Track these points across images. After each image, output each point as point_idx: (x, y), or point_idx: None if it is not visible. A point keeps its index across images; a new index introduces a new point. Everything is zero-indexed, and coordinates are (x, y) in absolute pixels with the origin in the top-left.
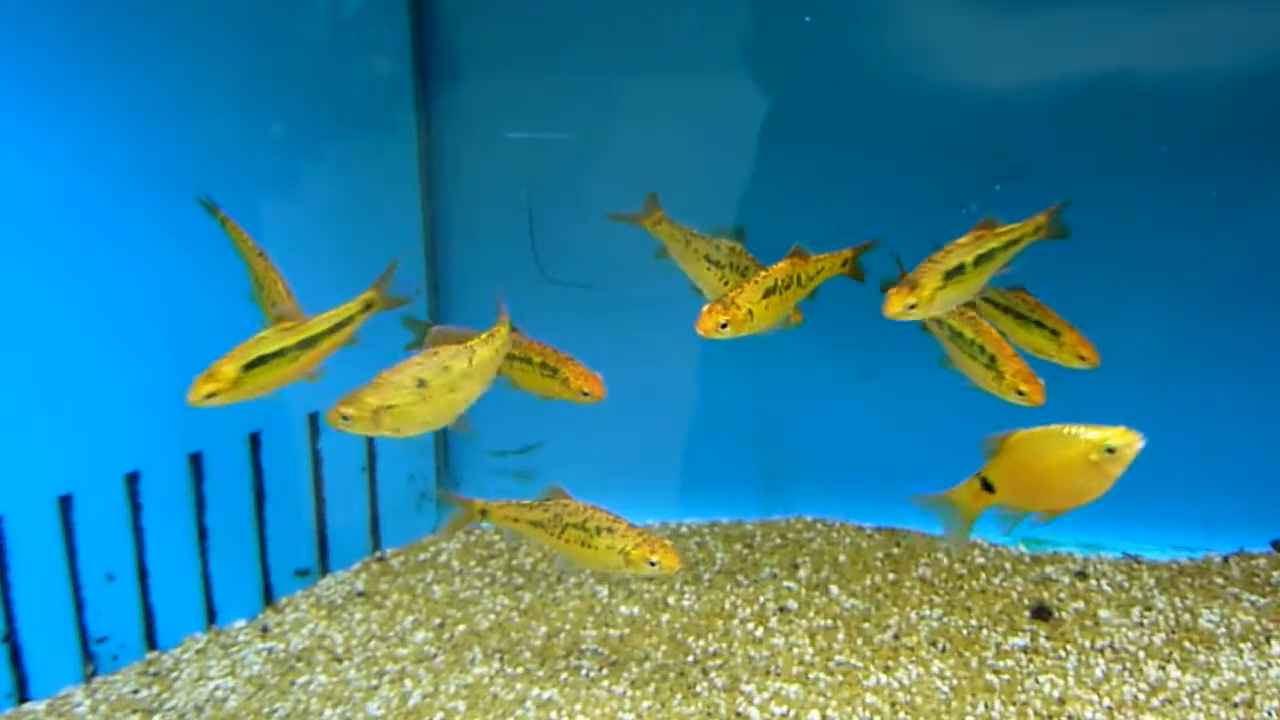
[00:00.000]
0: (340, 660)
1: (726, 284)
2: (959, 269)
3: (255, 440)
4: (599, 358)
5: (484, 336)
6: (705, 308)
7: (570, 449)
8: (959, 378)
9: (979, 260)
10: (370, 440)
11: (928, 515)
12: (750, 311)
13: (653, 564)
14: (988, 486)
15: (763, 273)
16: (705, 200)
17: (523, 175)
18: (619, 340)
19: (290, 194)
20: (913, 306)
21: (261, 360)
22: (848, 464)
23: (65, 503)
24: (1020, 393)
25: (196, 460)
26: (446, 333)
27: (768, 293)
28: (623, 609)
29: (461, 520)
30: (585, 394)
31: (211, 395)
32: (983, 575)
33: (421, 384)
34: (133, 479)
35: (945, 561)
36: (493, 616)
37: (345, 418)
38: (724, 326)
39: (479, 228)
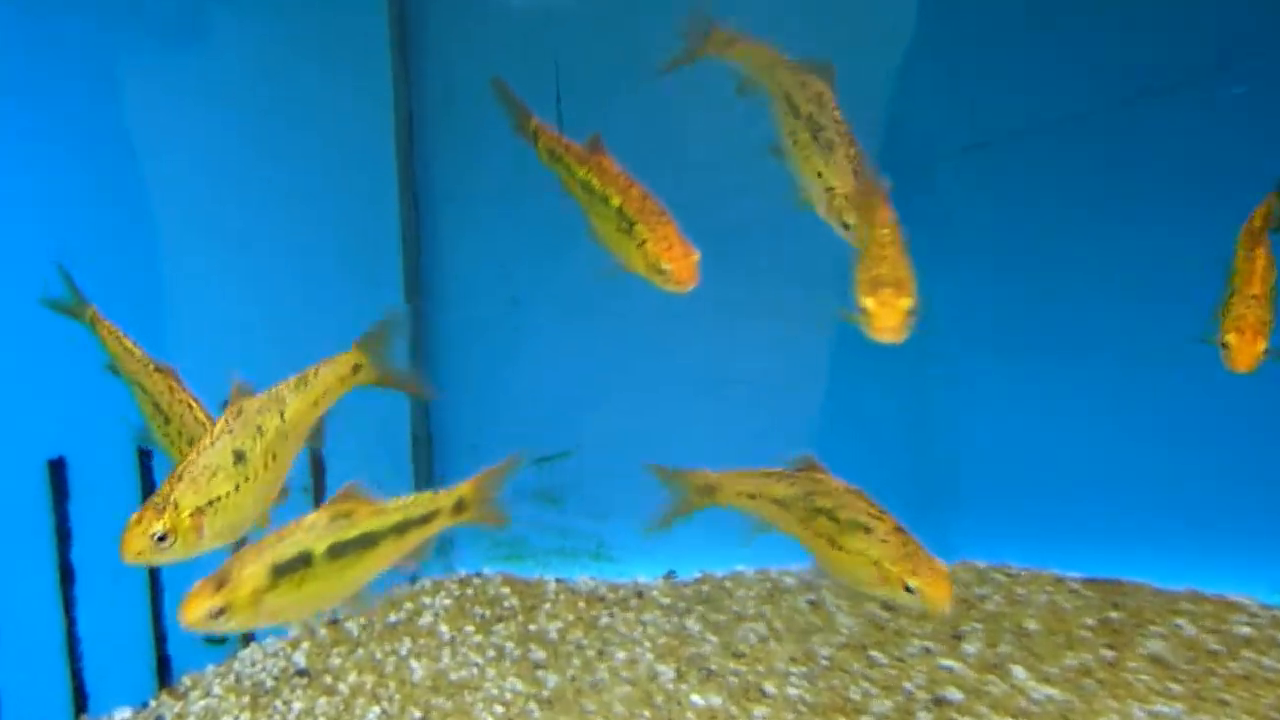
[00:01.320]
0: None
1: (804, 152)
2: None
3: (144, 452)
4: (658, 321)
5: (295, 381)
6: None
7: (617, 463)
8: (1194, 372)
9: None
10: (315, 450)
11: (1159, 563)
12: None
13: (910, 590)
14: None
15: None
16: None
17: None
18: (687, 297)
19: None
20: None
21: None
22: (1037, 490)
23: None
24: (661, 270)
25: (58, 469)
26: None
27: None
28: (695, 698)
29: (686, 505)
30: (662, 272)
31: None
32: (1246, 651)
33: (239, 458)
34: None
35: (1190, 631)
36: (500, 709)
37: (162, 538)
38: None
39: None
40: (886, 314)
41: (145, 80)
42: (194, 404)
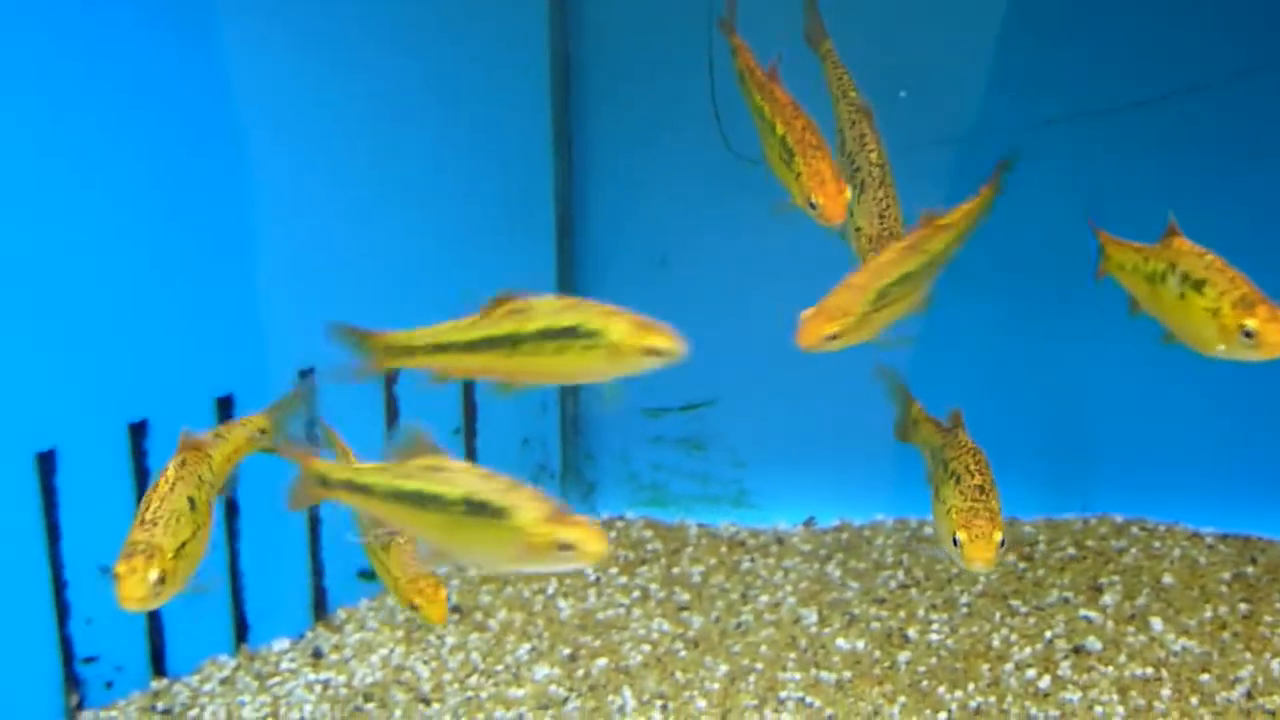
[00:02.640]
0: (428, 702)
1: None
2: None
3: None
4: (805, 274)
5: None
6: (805, 313)
7: (759, 412)
8: None
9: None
10: (469, 392)
11: None
12: (865, 316)
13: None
14: None
15: (875, 261)
16: None
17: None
18: (835, 246)
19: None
20: (834, 337)
21: None
22: (1177, 442)
23: (45, 461)
24: (813, 205)
25: (226, 409)
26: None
27: (886, 290)
28: (840, 642)
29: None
30: (814, 206)
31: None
32: None
33: (193, 505)
34: (137, 430)
35: None
36: (648, 647)
37: (160, 581)
38: (833, 338)
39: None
40: (979, 546)
41: (290, 24)
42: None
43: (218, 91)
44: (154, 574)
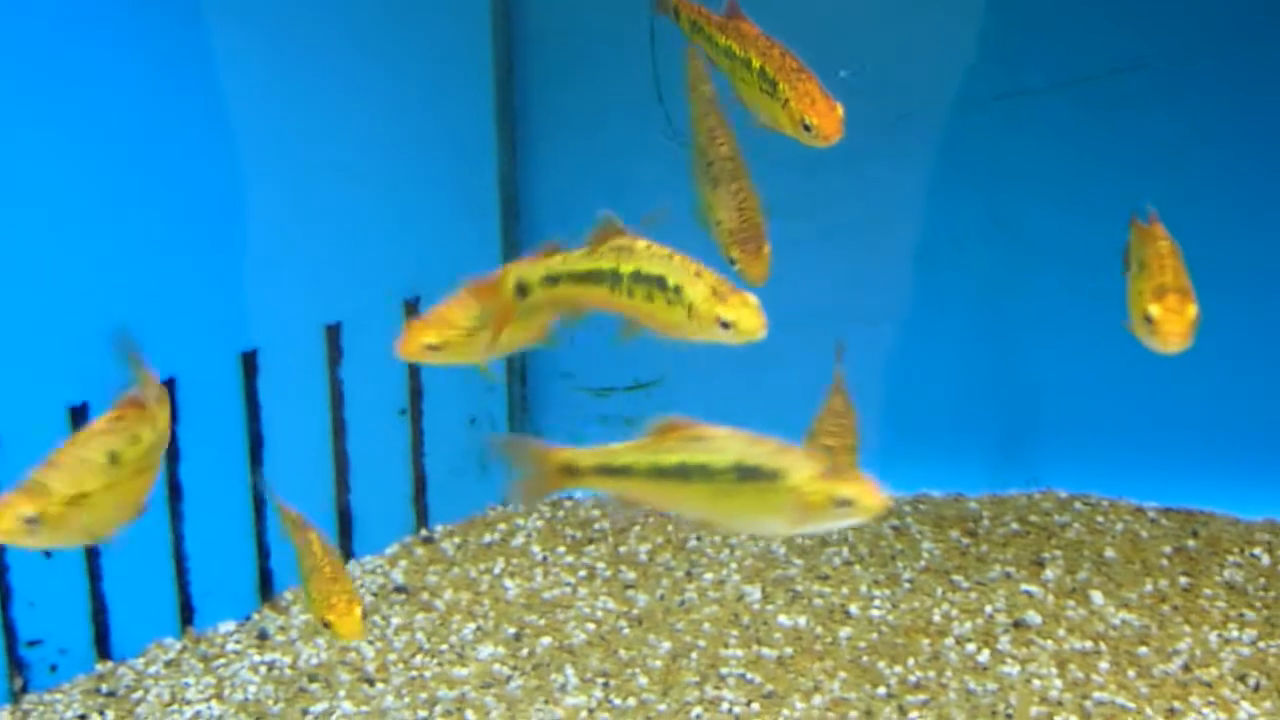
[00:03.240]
0: (372, 682)
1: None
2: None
3: (249, 362)
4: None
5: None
6: (411, 320)
7: (705, 391)
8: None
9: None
10: (414, 372)
11: (1238, 494)
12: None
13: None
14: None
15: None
16: None
17: None
18: (779, 226)
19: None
20: (435, 348)
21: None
22: (1120, 417)
23: None
24: (807, 127)
25: (167, 389)
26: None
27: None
28: (782, 619)
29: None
30: (808, 129)
31: (435, 349)
32: None
33: (113, 459)
34: (78, 413)
35: (1266, 561)
36: (592, 626)
37: (31, 520)
38: (434, 349)
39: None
40: (1173, 321)
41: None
42: None
43: (166, 79)
44: (27, 511)
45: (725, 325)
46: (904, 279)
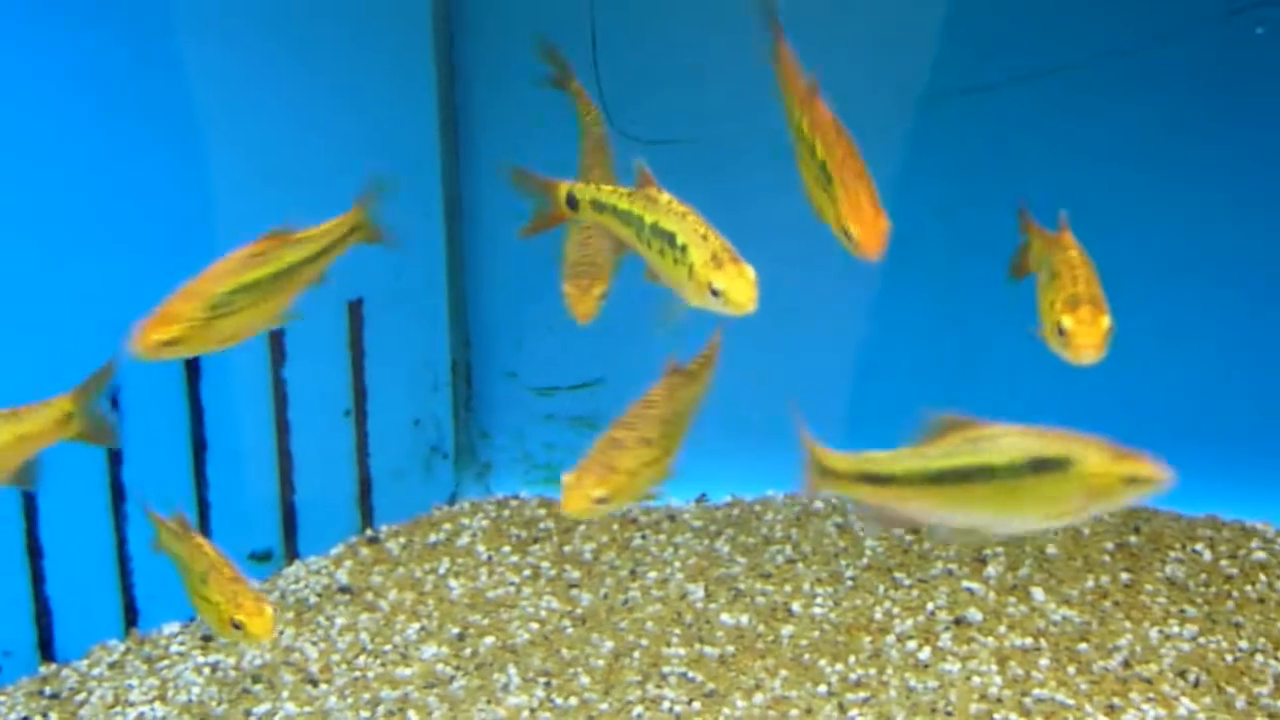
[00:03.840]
0: (316, 683)
1: None
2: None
3: (193, 365)
4: None
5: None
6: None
7: (648, 388)
8: (1218, 299)
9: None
10: (358, 373)
11: (1180, 490)
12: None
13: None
14: None
15: (214, 267)
16: None
17: None
18: (723, 225)
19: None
20: (171, 343)
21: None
22: (1064, 412)
23: None
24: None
25: (110, 396)
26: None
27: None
28: (725, 617)
29: None
30: (849, 237)
31: (171, 344)
32: (1262, 576)
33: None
34: None
35: (1207, 557)
36: (536, 625)
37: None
38: (170, 344)
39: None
40: (1086, 332)
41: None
42: None
43: (100, 88)
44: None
45: (715, 293)
46: (859, 275)
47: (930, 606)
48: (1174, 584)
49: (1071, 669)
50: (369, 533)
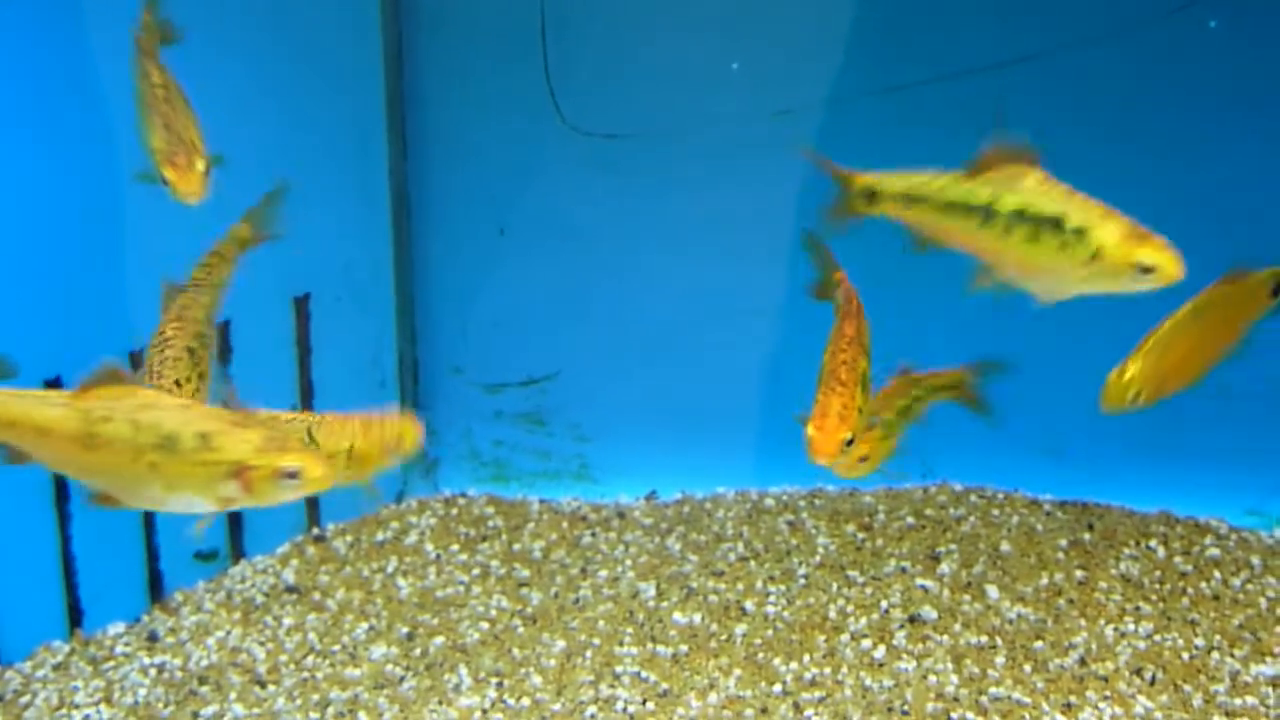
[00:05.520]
0: (263, 684)
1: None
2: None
3: (135, 363)
4: (644, 247)
5: None
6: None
7: (600, 386)
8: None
9: None
10: (304, 370)
11: (1133, 486)
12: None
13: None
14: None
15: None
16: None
17: None
18: (673, 220)
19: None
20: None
21: None
22: (1016, 409)
23: None
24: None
25: (50, 388)
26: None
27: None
28: (677, 616)
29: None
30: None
31: None
32: (1217, 573)
33: None
34: None
35: (1161, 554)
36: (486, 625)
37: None
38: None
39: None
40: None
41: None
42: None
43: (40, 79)
44: None
45: (1146, 270)
46: (794, 272)
47: (884, 604)
48: (1129, 581)
49: (1027, 667)
50: (316, 531)
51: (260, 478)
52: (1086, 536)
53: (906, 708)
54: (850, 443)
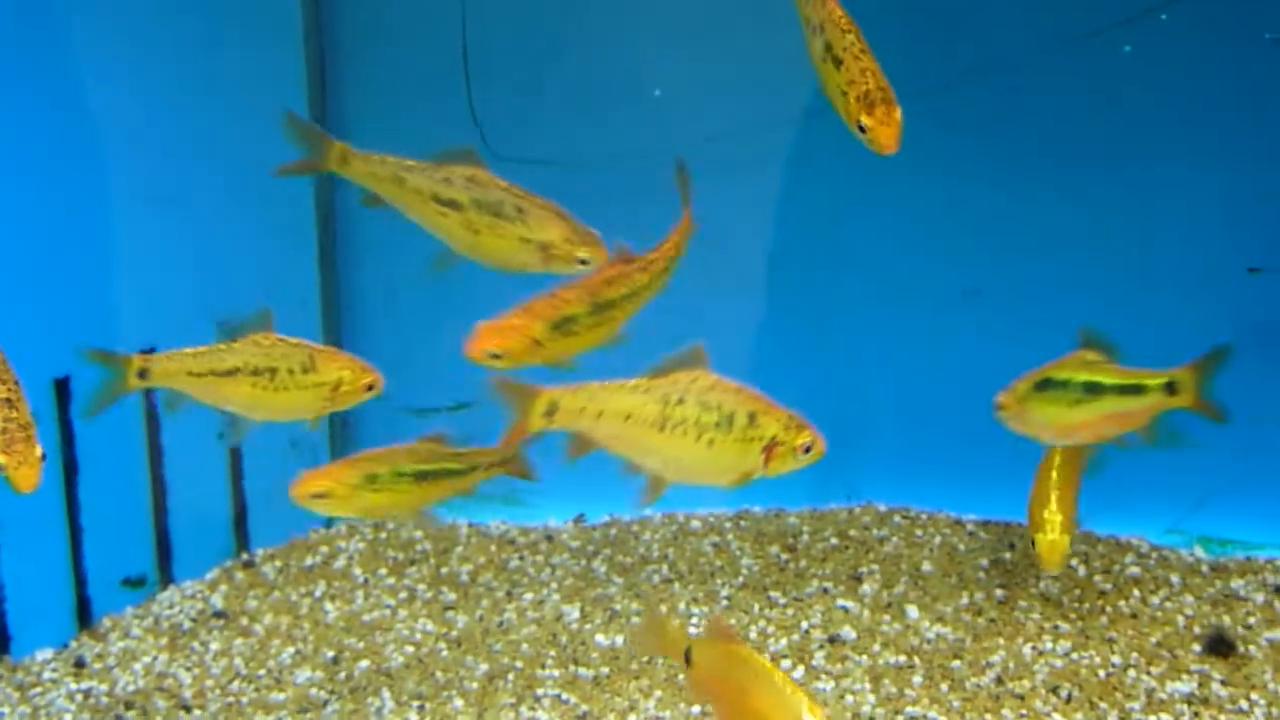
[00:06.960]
0: (189, 709)
1: (478, 232)
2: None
3: (62, 388)
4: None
5: None
6: (479, 325)
7: None
8: (1107, 302)
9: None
10: None
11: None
12: (538, 341)
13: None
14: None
15: (563, 292)
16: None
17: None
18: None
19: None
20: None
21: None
22: (940, 430)
23: None
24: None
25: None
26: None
27: (563, 321)
28: (599, 638)
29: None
30: (863, 130)
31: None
32: (1136, 591)
33: None
34: None
35: (1081, 572)
36: (411, 649)
37: None
38: (496, 357)
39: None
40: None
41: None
42: None
43: None
44: None
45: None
46: (731, 294)
47: (805, 625)
48: (1048, 600)
49: (944, 686)
50: (244, 556)
51: (783, 453)
52: (1008, 556)
53: None
54: None
